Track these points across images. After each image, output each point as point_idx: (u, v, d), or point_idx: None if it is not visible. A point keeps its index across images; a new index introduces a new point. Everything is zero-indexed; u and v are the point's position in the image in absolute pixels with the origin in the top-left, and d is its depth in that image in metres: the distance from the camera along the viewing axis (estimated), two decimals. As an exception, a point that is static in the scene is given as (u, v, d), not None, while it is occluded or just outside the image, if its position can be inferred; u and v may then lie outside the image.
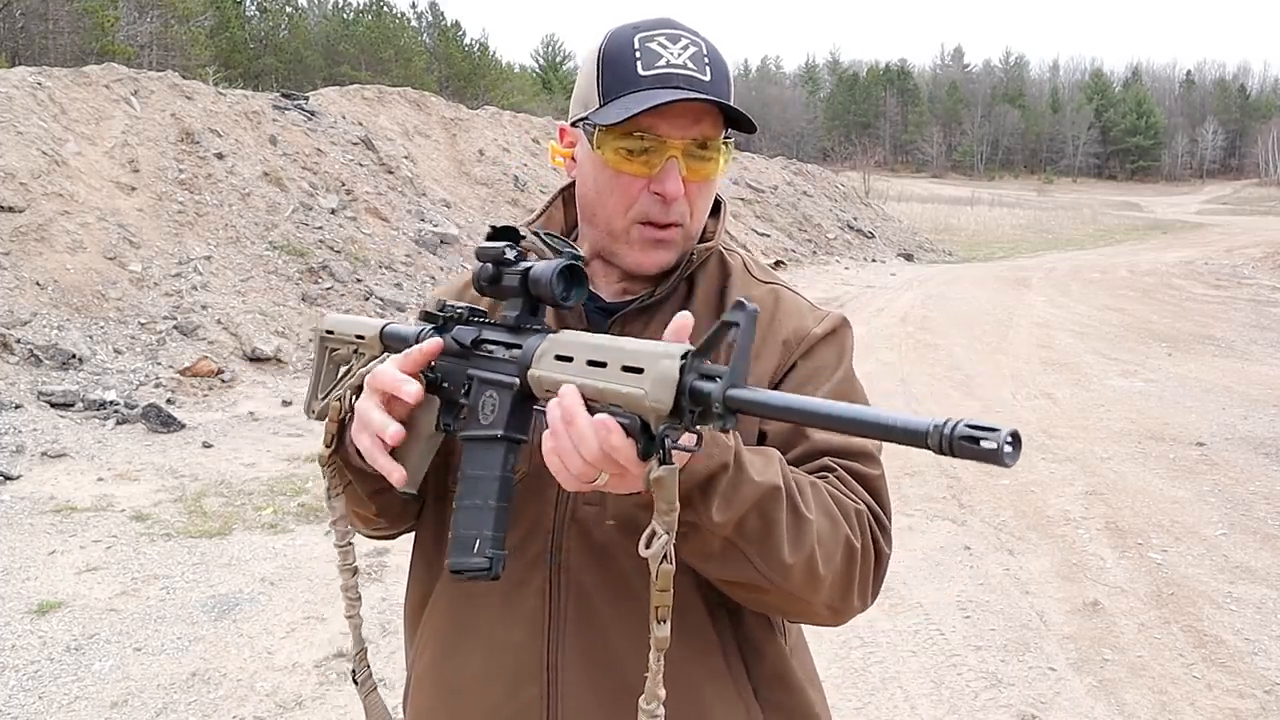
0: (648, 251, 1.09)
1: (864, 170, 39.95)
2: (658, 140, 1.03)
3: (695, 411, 0.75)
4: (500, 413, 0.93)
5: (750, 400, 0.71)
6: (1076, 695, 3.40)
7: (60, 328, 7.07)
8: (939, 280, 18.59)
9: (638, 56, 1.03)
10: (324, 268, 9.53)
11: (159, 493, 5.26)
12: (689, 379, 0.75)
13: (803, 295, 1.20)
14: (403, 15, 54.57)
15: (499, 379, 0.94)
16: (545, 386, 0.87)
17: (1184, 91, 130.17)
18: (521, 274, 0.93)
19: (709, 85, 1.02)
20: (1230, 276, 19.20)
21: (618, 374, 0.80)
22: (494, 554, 0.89)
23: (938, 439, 0.62)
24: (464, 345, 0.99)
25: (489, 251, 0.96)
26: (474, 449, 0.94)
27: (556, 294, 0.90)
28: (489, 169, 15.18)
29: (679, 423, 0.76)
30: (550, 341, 0.89)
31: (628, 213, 1.07)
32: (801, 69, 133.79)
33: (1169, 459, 6.29)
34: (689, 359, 0.76)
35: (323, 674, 3.46)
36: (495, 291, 0.97)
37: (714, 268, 1.18)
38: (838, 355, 1.14)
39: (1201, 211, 61.16)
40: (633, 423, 0.78)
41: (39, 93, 9.30)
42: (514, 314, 0.96)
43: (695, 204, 1.09)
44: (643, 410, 0.77)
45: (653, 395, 0.76)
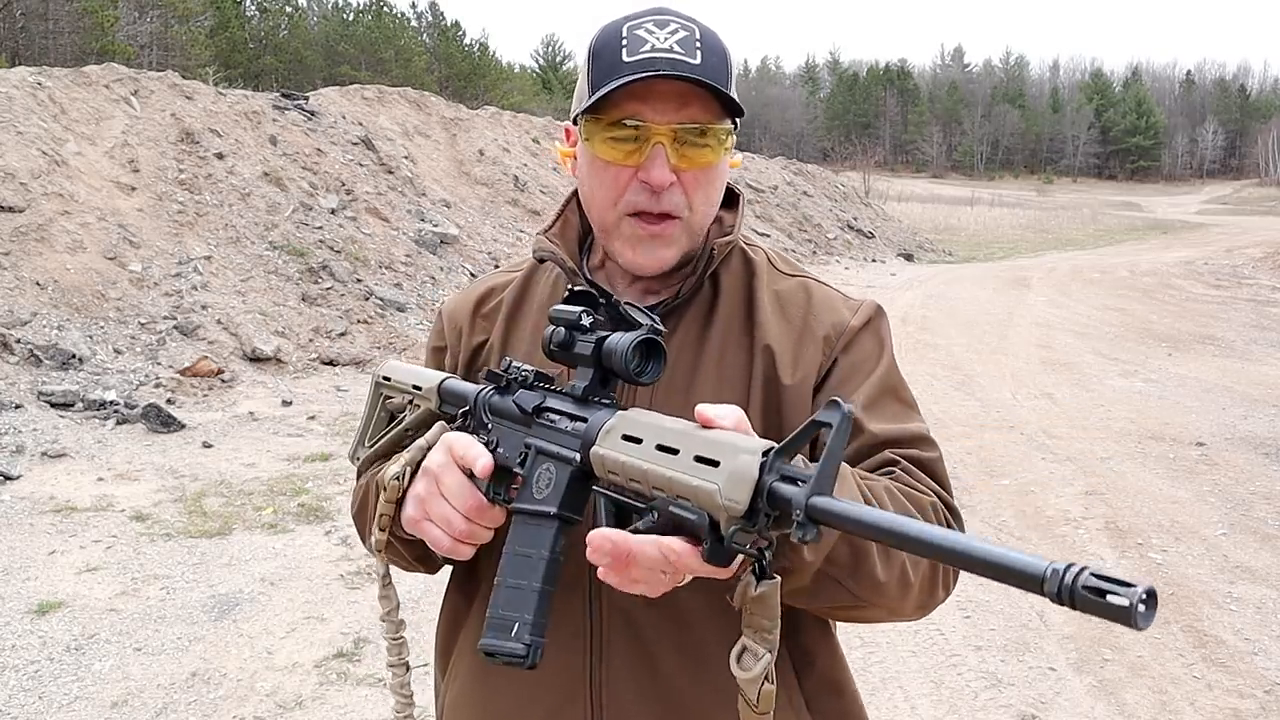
0: (641, 248, 1.04)
1: (864, 170, 39.92)
2: (644, 126, 0.98)
3: (771, 516, 0.68)
4: (556, 489, 0.87)
5: (837, 513, 0.63)
6: (1076, 695, 3.40)
7: (60, 328, 7.07)
8: (939, 280, 18.59)
9: (624, 44, 0.99)
10: (324, 268, 9.53)
11: (159, 493, 5.26)
12: (768, 479, 0.68)
13: (832, 286, 1.16)
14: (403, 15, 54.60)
15: (559, 452, 0.88)
16: (608, 467, 0.81)
17: (1184, 91, 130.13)
18: (596, 343, 0.88)
19: (698, 68, 0.97)
20: (1230, 276, 19.20)
21: (690, 463, 0.73)
22: (533, 641, 0.83)
23: (1056, 586, 0.53)
24: (525, 411, 0.93)
25: (563, 315, 0.90)
26: (523, 525, 0.88)
27: (631, 369, 0.85)
28: (489, 169, 15.17)
29: (751, 526, 0.69)
30: (619, 419, 0.83)
31: (617, 204, 1.03)
32: (801, 69, 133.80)
33: (1169, 459, 6.29)
34: (770, 457, 0.69)
35: (323, 674, 3.46)
36: (565, 357, 0.91)
37: (737, 264, 1.14)
38: (877, 346, 1.11)
39: (1202, 211, 61.15)
40: (700, 520, 0.71)
41: (39, 93, 9.30)
42: (583, 384, 0.89)
43: (693, 194, 1.03)
44: (713, 508, 0.70)
45: (727, 492, 0.69)
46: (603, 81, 0.99)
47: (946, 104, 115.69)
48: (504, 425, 0.96)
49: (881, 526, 0.61)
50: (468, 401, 1.01)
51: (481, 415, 0.99)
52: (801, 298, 1.11)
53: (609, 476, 0.81)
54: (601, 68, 1.00)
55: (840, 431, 0.65)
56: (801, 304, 1.10)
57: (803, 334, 1.08)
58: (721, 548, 0.71)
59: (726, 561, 0.71)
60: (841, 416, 0.65)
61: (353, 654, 3.60)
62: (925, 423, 1.09)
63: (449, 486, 0.94)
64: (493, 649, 0.84)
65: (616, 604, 1.02)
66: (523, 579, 0.85)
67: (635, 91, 0.97)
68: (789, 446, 0.69)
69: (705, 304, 1.10)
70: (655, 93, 0.97)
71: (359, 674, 3.46)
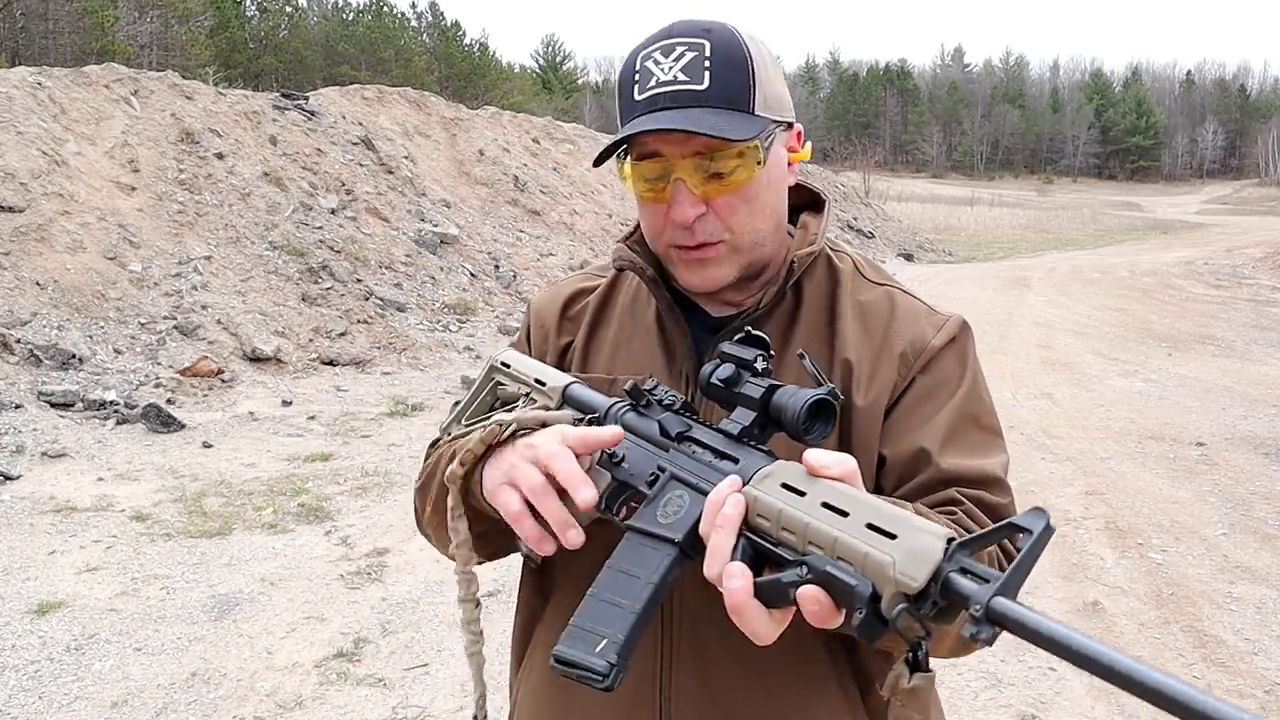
0: (692, 271, 1.03)
1: (864, 170, 39.92)
2: (664, 160, 0.97)
3: (937, 606, 0.65)
4: (685, 518, 0.82)
5: (1017, 619, 0.60)
6: (1076, 695, 3.40)
7: (60, 328, 7.07)
8: (939, 280, 18.59)
9: (636, 80, 0.98)
10: (324, 268, 9.53)
11: (159, 493, 5.26)
12: (947, 567, 0.64)
13: (918, 297, 1.12)
14: (403, 15, 54.60)
15: (698, 483, 0.84)
16: (759, 511, 0.77)
17: (1184, 91, 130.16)
18: (768, 389, 0.84)
19: (704, 94, 0.95)
20: (1230, 276, 19.20)
21: (861, 528, 0.70)
22: (617, 663, 0.77)
23: None
24: (668, 434, 0.89)
25: (736, 354, 0.87)
26: (636, 544, 0.84)
27: (800, 427, 0.81)
28: (489, 169, 15.17)
29: (917, 610, 0.65)
30: (780, 467, 0.79)
31: (661, 238, 1.03)
32: (801, 69, 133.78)
33: (1169, 459, 6.29)
34: (952, 545, 0.65)
35: (323, 674, 3.46)
36: (724, 395, 0.87)
37: (822, 272, 1.10)
38: (960, 366, 1.06)
39: (1201, 211, 61.16)
40: (860, 587, 0.67)
41: (39, 93, 9.30)
42: (740, 425, 0.85)
43: (730, 218, 0.99)
44: (882, 580, 0.66)
45: (903, 567, 0.65)
46: (624, 120, 0.99)
47: (946, 104, 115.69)
48: (636, 442, 0.91)
49: (1066, 645, 0.58)
50: (597, 411, 0.97)
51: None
52: (885, 309, 1.07)
53: (756, 521, 0.77)
54: (622, 105, 1.00)
55: (1039, 542, 0.61)
56: (884, 316, 1.06)
57: (881, 349, 1.04)
58: (876, 622, 0.67)
59: (875, 638, 0.68)
60: (1044, 527, 0.61)
61: (353, 654, 3.60)
62: (1005, 454, 1.04)
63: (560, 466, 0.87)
64: (569, 659, 0.79)
65: (689, 619, 1.02)
66: (621, 597, 0.81)
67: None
68: (974, 542, 0.65)
69: (787, 315, 1.07)
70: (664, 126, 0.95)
71: (359, 674, 3.46)
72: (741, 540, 0.77)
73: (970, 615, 0.61)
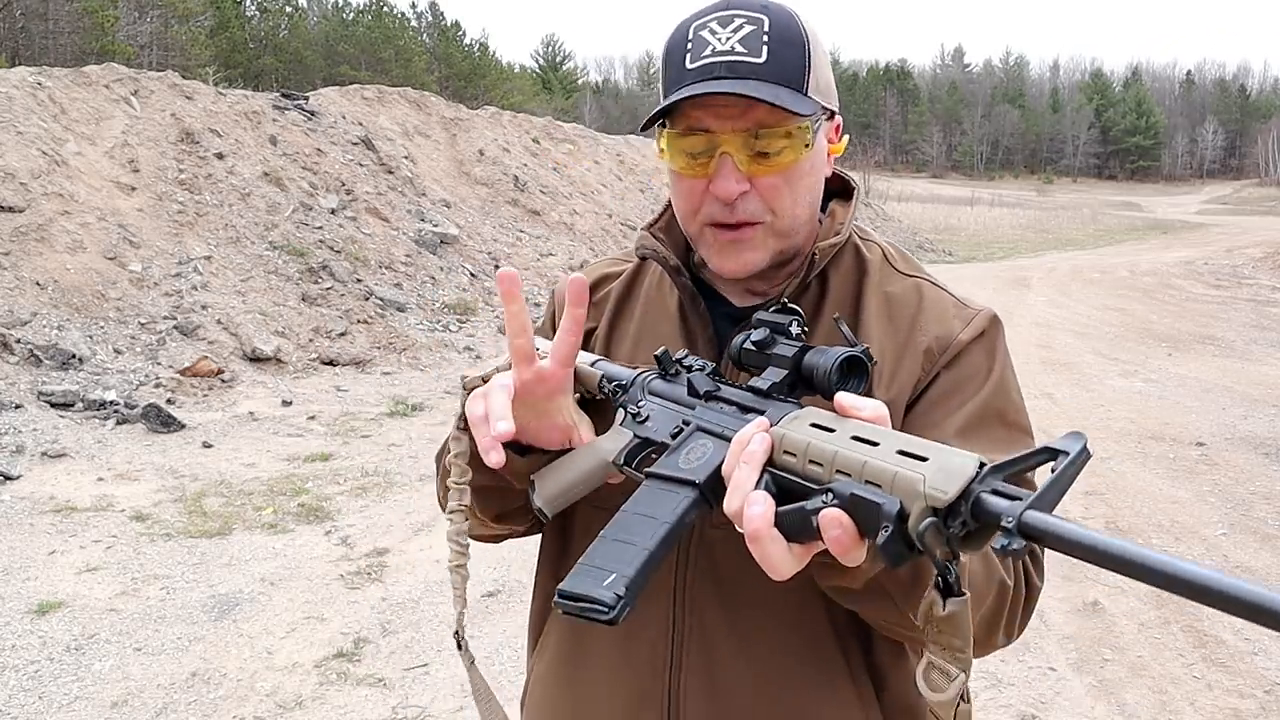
0: (726, 254, 1.01)
1: (864, 170, 39.94)
2: (711, 136, 0.95)
3: (965, 526, 0.63)
4: (708, 464, 0.81)
5: (1051, 531, 0.58)
6: (1076, 695, 3.40)
7: (60, 328, 7.07)
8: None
9: (689, 49, 0.95)
10: (324, 268, 9.53)
11: (159, 493, 5.26)
12: (978, 488, 0.63)
13: (948, 289, 1.08)
14: (403, 15, 54.60)
15: (723, 431, 0.83)
16: (786, 447, 0.75)
17: (1184, 91, 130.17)
18: (800, 349, 0.84)
19: (761, 67, 0.93)
20: (1230, 276, 19.21)
21: (892, 454, 0.68)
22: (626, 596, 0.74)
23: None
24: (696, 392, 0.89)
25: (771, 319, 0.87)
26: (653, 489, 0.81)
27: (831, 384, 0.80)
28: (489, 169, 15.18)
29: (945, 527, 0.63)
30: (809, 411, 0.78)
31: (696, 215, 1.00)
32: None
33: (1169, 459, 6.29)
34: (986, 468, 0.64)
35: (323, 674, 3.46)
36: (756, 359, 0.86)
37: (849, 262, 1.08)
38: (987, 360, 1.02)
39: (1202, 211, 61.16)
40: (888, 506, 0.65)
41: (39, 93, 9.30)
42: (770, 381, 0.84)
43: (773, 199, 0.97)
44: (911, 495, 0.64)
45: (934, 482, 0.64)
46: (670, 90, 0.96)
47: (946, 104, 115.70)
48: (663, 404, 0.91)
49: (1099, 549, 0.56)
50: (624, 380, 0.97)
51: (636, 393, 0.96)
52: (913, 300, 1.05)
53: (783, 458, 0.75)
54: (669, 76, 0.97)
55: (1075, 463, 0.60)
56: (912, 308, 1.04)
57: (907, 343, 1.01)
58: (901, 540, 0.64)
59: (898, 559, 0.65)
60: (1081, 449, 0.60)
61: (353, 654, 3.60)
62: None
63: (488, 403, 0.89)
64: (574, 593, 0.75)
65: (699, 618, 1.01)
66: (633, 536, 0.78)
67: (699, 99, 0.93)
68: (1008, 465, 0.64)
69: (810, 306, 1.05)
70: (718, 99, 0.94)
71: (359, 674, 3.46)
72: (765, 476, 0.75)
73: (1003, 528, 0.59)
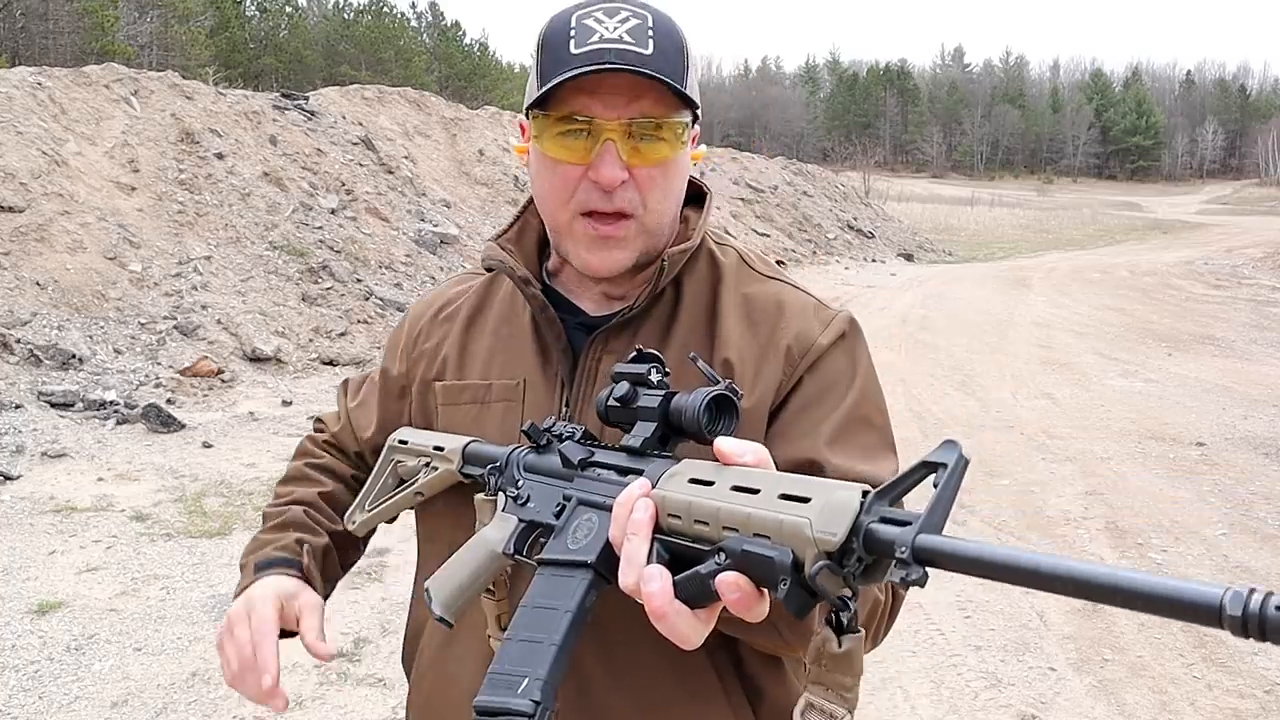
0: (594, 250, 0.99)
1: (864, 170, 39.92)
2: (593, 123, 0.94)
3: (863, 562, 0.62)
4: (596, 539, 0.79)
5: (948, 552, 0.57)
6: (1076, 695, 3.39)
7: (60, 328, 7.08)
8: (939, 280, 18.59)
9: (572, 35, 0.94)
10: (324, 268, 9.53)
11: (159, 493, 5.26)
12: (865, 520, 0.62)
13: (808, 291, 1.07)
14: (403, 15, 54.65)
15: (604, 501, 0.81)
16: (669, 509, 0.74)
17: (1184, 91, 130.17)
18: (664, 397, 0.82)
19: (649, 59, 0.92)
20: (1230, 276, 19.21)
21: (774, 500, 0.67)
22: (542, 699, 0.72)
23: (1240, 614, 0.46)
24: (570, 464, 0.87)
25: (630, 371, 0.85)
26: (548, 578, 0.80)
27: (703, 426, 0.78)
28: (489, 169, 15.18)
29: (840, 568, 0.62)
30: (685, 465, 0.77)
31: (568, 204, 0.98)
32: (801, 69, 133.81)
33: (1169, 459, 6.29)
34: (869, 497, 0.63)
35: (323, 674, 3.46)
36: (624, 415, 0.85)
37: (703, 267, 1.06)
38: (850, 365, 1.01)
39: (1201, 211, 61.15)
40: (780, 557, 0.64)
41: (39, 93, 9.30)
42: (641, 437, 0.82)
43: (648, 192, 0.97)
44: (800, 543, 0.63)
45: (820, 525, 0.63)
46: (550, 75, 0.94)
47: (946, 104, 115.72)
48: (539, 480, 0.90)
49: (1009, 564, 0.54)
50: (497, 460, 0.96)
51: (513, 473, 0.94)
52: (772, 305, 1.03)
53: (668, 522, 0.74)
54: (549, 60, 0.95)
55: (955, 474, 0.59)
56: (771, 311, 1.02)
57: (767, 346, 1.00)
58: (802, 592, 0.63)
59: (802, 609, 0.64)
60: (958, 458, 0.59)
61: (353, 654, 3.60)
62: (896, 457, 1.00)
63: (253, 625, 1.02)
64: (491, 707, 0.73)
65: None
66: (539, 633, 0.76)
67: (584, 85, 0.92)
68: (890, 489, 0.63)
69: (665, 313, 1.03)
70: (604, 86, 0.92)
71: (359, 674, 3.46)
72: (656, 545, 0.74)
73: (897, 558, 0.59)
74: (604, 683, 0.99)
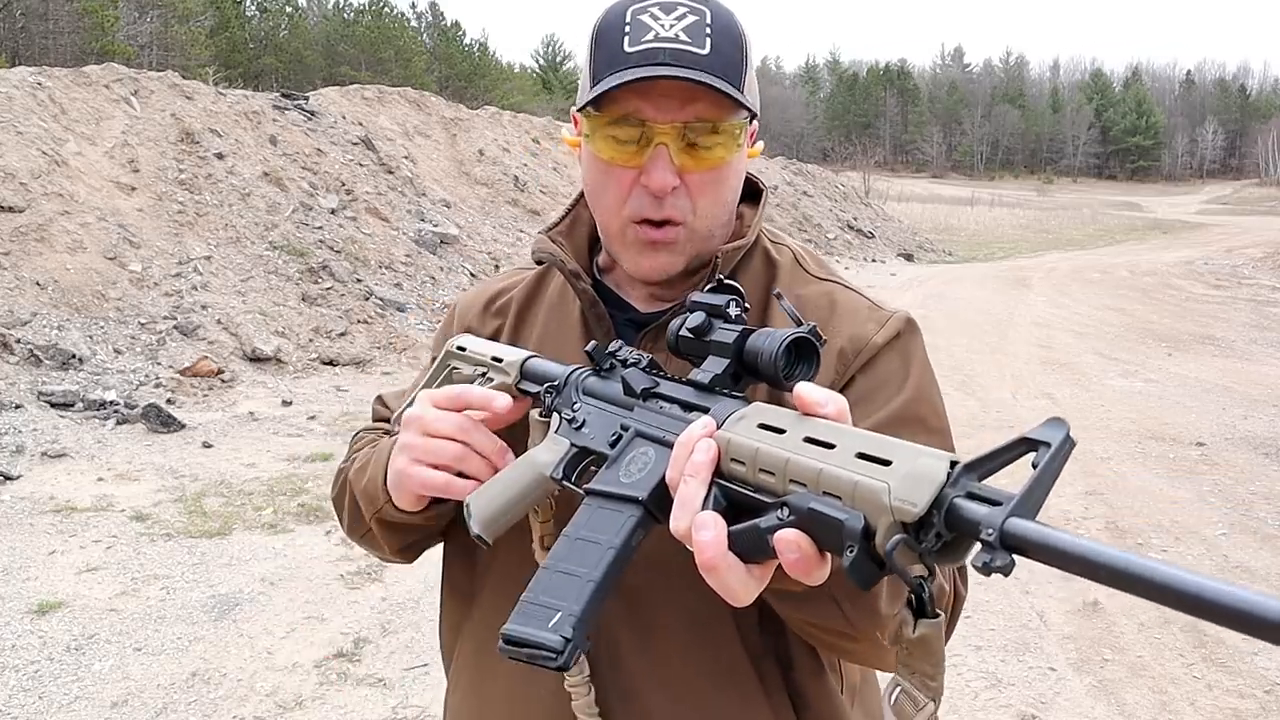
0: (644, 255, 0.96)
1: (864, 170, 39.90)
2: (646, 126, 0.91)
3: (940, 538, 0.56)
4: (651, 474, 0.75)
5: (1039, 541, 0.52)
6: (1076, 695, 3.40)
7: (60, 328, 7.07)
8: (939, 280, 18.58)
9: (626, 31, 0.91)
10: (324, 268, 9.53)
11: (159, 493, 5.26)
12: (951, 493, 0.56)
13: (863, 293, 1.05)
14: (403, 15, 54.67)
15: (664, 436, 0.76)
16: (733, 454, 0.68)
17: (1184, 91, 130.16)
18: (741, 333, 0.77)
19: (706, 59, 0.89)
20: (1230, 276, 19.21)
21: (850, 458, 0.62)
22: (574, 637, 0.69)
23: None
24: (633, 391, 0.82)
25: (706, 301, 0.80)
26: (595, 508, 0.76)
27: (779, 370, 0.73)
28: (489, 169, 15.18)
29: (918, 542, 0.57)
30: (755, 409, 0.71)
31: (622, 210, 0.95)
32: (801, 69, 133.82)
33: (1169, 459, 6.29)
34: (957, 468, 0.57)
35: (323, 674, 3.46)
36: (695, 346, 0.80)
37: (758, 265, 1.04)
38: (903, 366, 0.98)
39: (1202, 211, 61.14)
40: (850, 521, 0.58)
41: (39, 93, 9.30)
42: (711, 374, 0.77)
43: (699, 197, 0.95)
44: (875, 509, 0.58)
45: (900, 492, 0.57)
46: (602, 74, 0.91)
47: (946, 104, 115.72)
48: (597, 405, 0.85)
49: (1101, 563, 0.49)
50: (556, 380, 0.92)
51: (571, 394, 0.90)
52: (825, 304, 1.00)
53: (730, 467, 0.69)
54: (602, 58, 0.92)
55: (1058, 456, 0.55)
56: (824, 312, 0.99)
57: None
58: (869, 562, 0.58)
59: (868, 581, 0.59)
60: (1063, 438, 0.55)
61: (353, 654, 3.60)
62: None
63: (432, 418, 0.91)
64: (518, 636, 0.70)
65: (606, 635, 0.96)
66: (579, 566, 0.72)
67: (636, 86, 0.89)
68: (982, 462, 0.57)
69: None
70: (658, 88, 0.90)
71: (359, 674, 3.46)
72: (714, 490, 0.69)
73: (982, 541, 0.53)
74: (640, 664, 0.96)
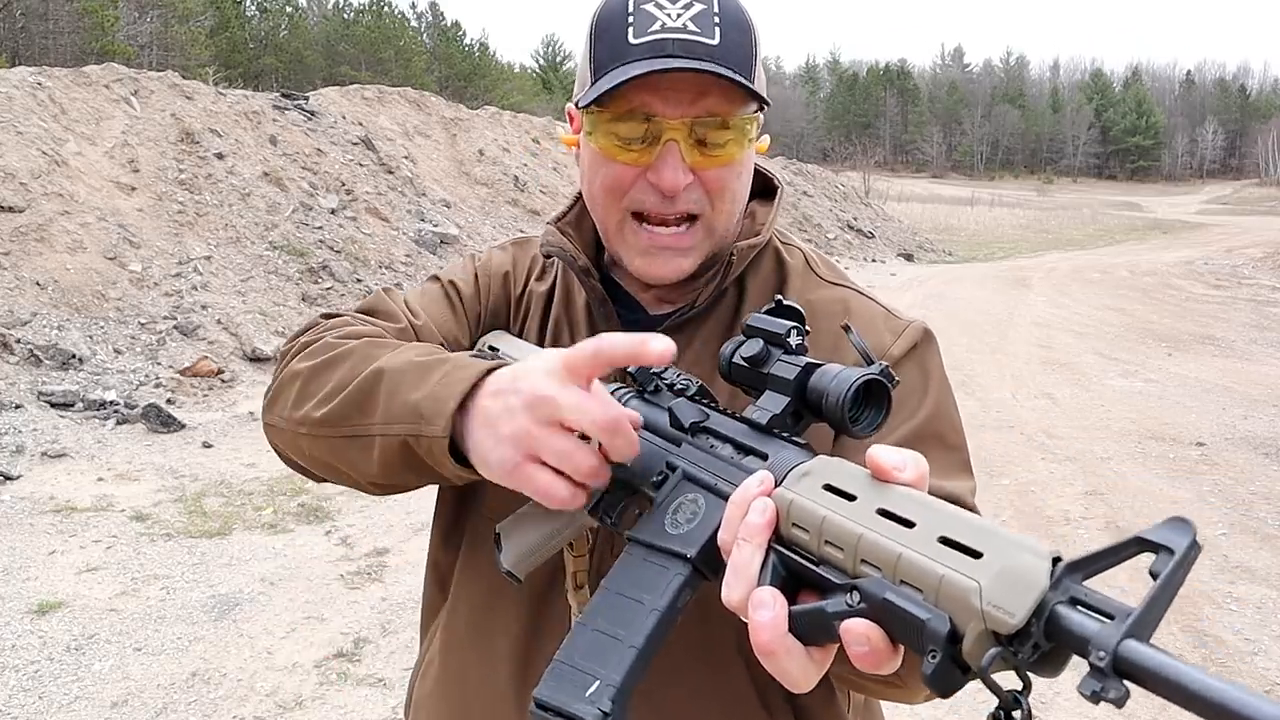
0: (652, 258, 0.92)
1: (864, 170, 39.90)
2: (654, 121, 0.87)
3: (1038, 649, 0.48)
4: (700, 528, 0.67)
5: (1156, 671, 0.43)
6: (1076, 695, 3.39)
7: (60, 328, 7.07)
8: (939, 280, 18.58)
9: (630, 22, 0.86)
10: (324, 268, 9.54)
11: (159, 493, 5.26)
12: (1051, 598, 0.48)
13: (877, 300, 1.00)
14: (403, 15, 54.67)
15: (716, 484, 0.68)
16: (796, 519, 0.60)
17: (1184, 91, 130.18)
18: (803, 368, 0.69)
19: (716, 50, 0.85)
20: (1230, 276, 19.21)
21: (933, 544, 0.53)
22: (612, 710, 0.62)
23: None
24: (681, 426, 0.74)
25: (766, 327, 0.73)
26: (638, 561, 0.68)
27: (846, 415, 0.65)
28: (489, 169, 15.18)
29: (1013, 654, 0.49)
30: (820, 464, 0.63)
31: (620, 202, 0.91)
32: (801, 69, 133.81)
33: (1169, 459, 6.29)
34: (1060, 567, 0.49)
35: (323, 674, 3.46)
36: (750, 377, 0.72)
37: (769, 266, 1.00)
38: (922, 380, 0.94)
39: (1201, 211, 61.15)
40: (934, 623, 0.51)
41: (39, 93, 9.30)
42: (769, 413, 0.70)
43: (714, 193, 0.90)
44: (963, 611, 0.50)
45: (994, 595, 0.49)
46: (606, 67, 0.87)
47: (946, 104, 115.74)
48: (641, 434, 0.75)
49: (1230, 707, 0.41)
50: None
51: None
52: (839, 310, 0.96)
53: (792, 532, 0.61)
54: (604, 50, 0.88)
55: (1182, 565, 0.46)
56: (837, 318, 0.94)
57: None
58: (955, 669, 0.51)
59: (949, 688, 0.52)
60: (1189, 544, 0.46)
61: (353, 654, 3.60)
62: (973, 478, 0.92)
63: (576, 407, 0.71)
64: (552, 704, 0.63)
65: None
66: (620, 628, 0.65)
67: (644, 80, 0.85)
68: (1088, 562, 0.49)
69: (727, 314, 0.97)
70: (667, 80, 0.85)
71: (359, 674, 3.46)
72: (771, 557, 0.61)
73: (1092, 665, 0.45)
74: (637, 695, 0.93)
